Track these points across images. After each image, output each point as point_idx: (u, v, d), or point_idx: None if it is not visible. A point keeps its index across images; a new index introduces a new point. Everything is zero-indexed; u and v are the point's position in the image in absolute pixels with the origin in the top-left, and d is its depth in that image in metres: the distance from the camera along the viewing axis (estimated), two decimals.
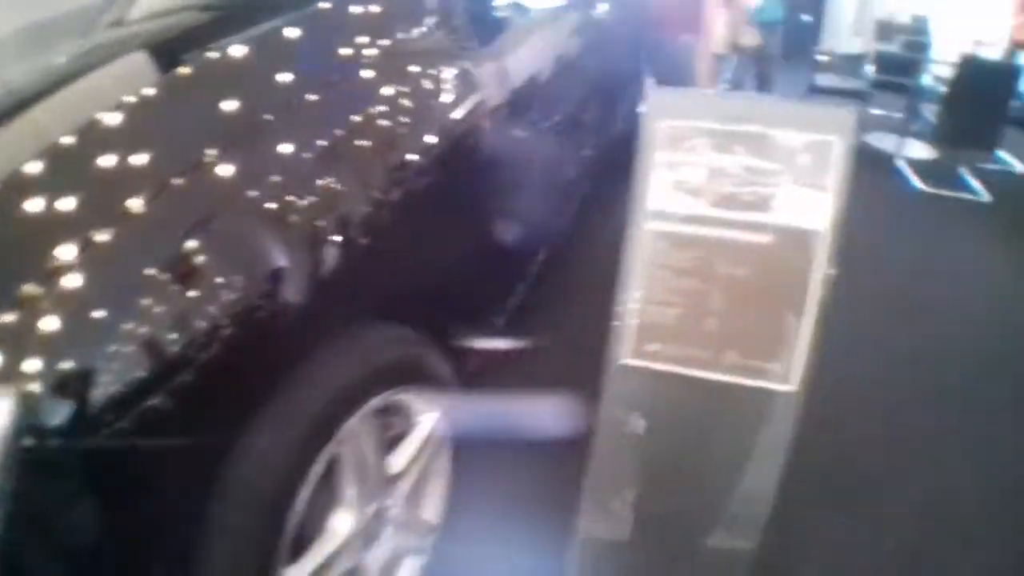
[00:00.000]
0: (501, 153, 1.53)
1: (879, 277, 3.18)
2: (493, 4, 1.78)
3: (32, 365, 0.74)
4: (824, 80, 4.75)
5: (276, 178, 0.96)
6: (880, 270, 3.27)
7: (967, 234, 3.77)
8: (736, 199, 1.02)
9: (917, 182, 4.24)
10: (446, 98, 1.35)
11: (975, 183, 4.24)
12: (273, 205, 0.95)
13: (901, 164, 4.47)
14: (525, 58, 1.80)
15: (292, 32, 1.23)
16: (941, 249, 3.49)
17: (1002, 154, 4.53)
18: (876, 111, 4.91)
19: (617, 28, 3.04)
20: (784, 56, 4.65)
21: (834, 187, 0.98)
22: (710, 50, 3.94)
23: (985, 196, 4.14)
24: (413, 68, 1.33)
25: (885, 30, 5.41)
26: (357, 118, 1.13)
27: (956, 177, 4.27)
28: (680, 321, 1.09)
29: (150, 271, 0.81)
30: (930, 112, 4.31)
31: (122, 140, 0.97)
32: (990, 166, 4.47)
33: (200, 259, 0.86)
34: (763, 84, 5.03)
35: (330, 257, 1.00)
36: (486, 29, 1.64)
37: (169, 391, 0.80)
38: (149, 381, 0.78)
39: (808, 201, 0.99)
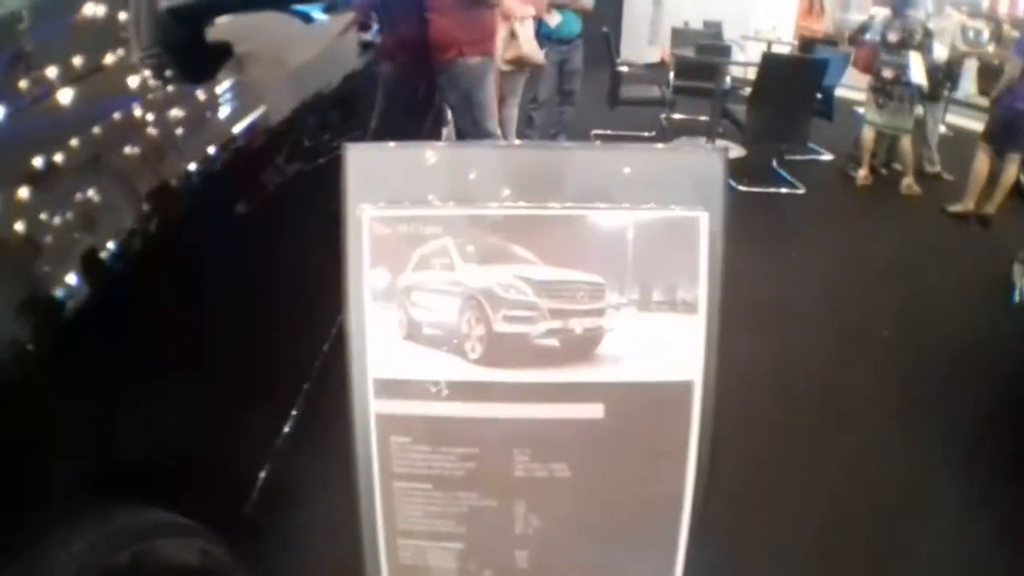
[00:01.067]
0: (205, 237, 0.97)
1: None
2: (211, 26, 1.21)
3: None
4: (628, 91, 4.62)
5: None
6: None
7: (788, 226, 3.72)
8: (528, 347, 0.52)
9: (732, 182, 4.18)
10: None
11: (789, 176, 4.27)
12: None
13: None
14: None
15: None
16: (762, 246, 3.37)
17: (811, 145, 4.64)
18: (680, 116, 4.87)
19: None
20: (586, 69, 4.45)
21: (707, 299, 0.51)
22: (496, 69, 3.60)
23: (800, 187, 4.16)
24: None
25: (681, 37, 5.46)
26: None
27: (770, 172, 4.27)
28: (465, 564, 0.56)
29: None
30: (738, 112, 4.30)
31: None
32: (800, 158, 4.54)
33: None
34: (566, 99, 4.81)
35: None
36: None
37: None
38: None
39: (662, 333, 0.51)
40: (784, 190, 4.14)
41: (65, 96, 0.90)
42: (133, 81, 0.99)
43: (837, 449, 1.99)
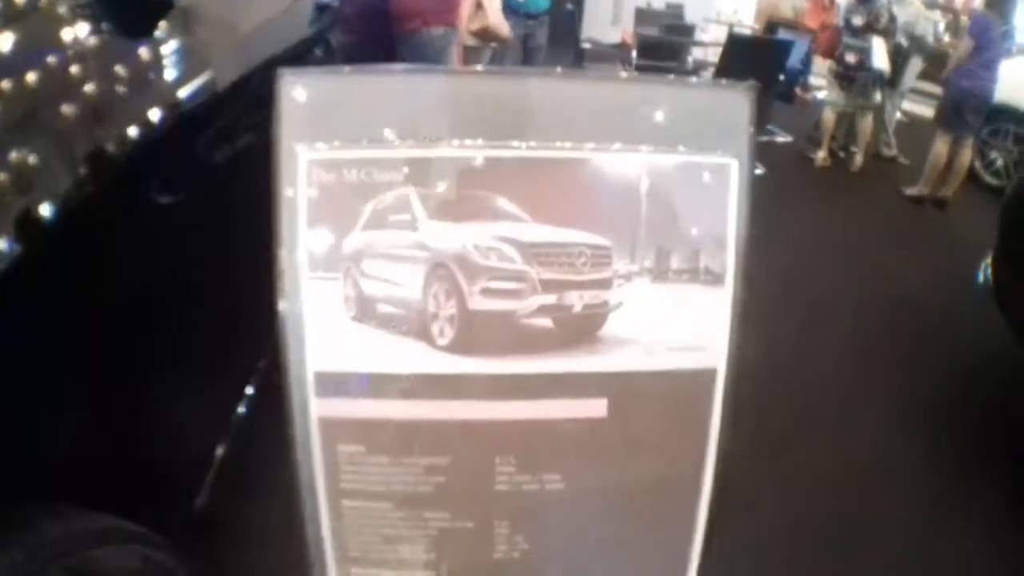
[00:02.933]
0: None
1: None
2: None
3: None
4: (591, 69, 4.55)
5: None
6: None
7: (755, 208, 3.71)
8: (514, 328, 0.40)
9: None
10: None
11: None
12: None
13: None
14: None
15: None
16: None
17: (769, 127, 4.64)
18: None
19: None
20: (549, 45, 4.35)
21: (736, 267, 0.41)
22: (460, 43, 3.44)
23: (759, 168, 4.15)
24: None
25: (644, 17, 5.38)
26: None
27: None
28: None
29: None
30: None
31: None
32: (759, 139, 4.55)
33: None
34: None
35: None
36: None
37: None
38: None
39: (681, 310, 0.41)
40: None
41: None
42: (63, 31, 0.83)
43: (798, 433, 1.95)
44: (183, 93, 1.21)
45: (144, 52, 1.11)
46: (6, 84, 0.75)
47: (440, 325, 0.40)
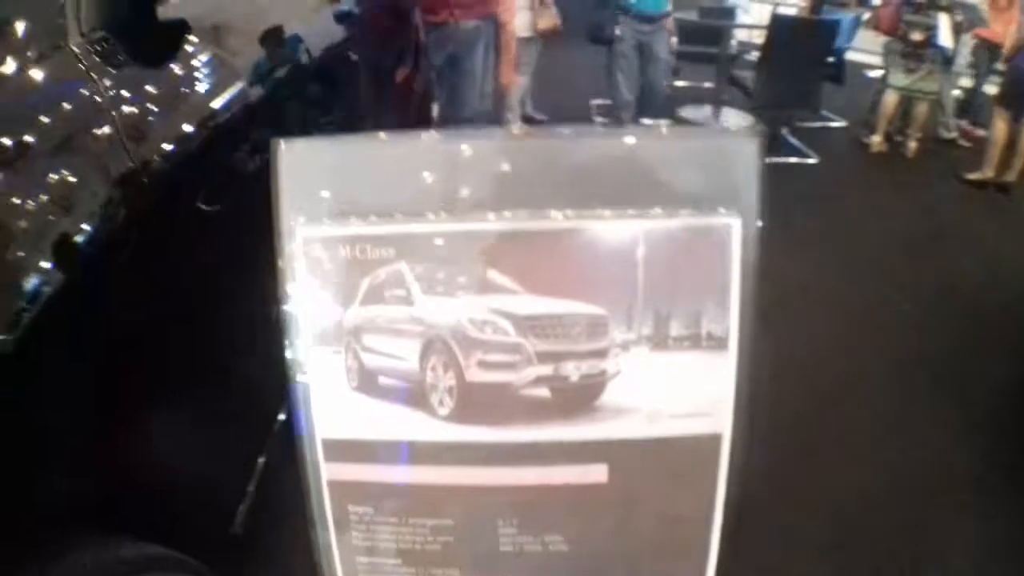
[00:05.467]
0: None
1: None
2: None
3: None
4: None
5: None
6: None
7: (801, 198, 3.55)
8: (511, 399, 0.40)
9: None
10: None
11: (801, 145, 4.10)
12: None
13: None
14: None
15: None
16: (773, 220, 3.22)
17: (823, 112, 4.46)
18: (684, 83, 4.66)
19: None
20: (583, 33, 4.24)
21: (741, 330, 0.40)
22: (513, 35, 3.34)
23: (812, 156, 3.99)
24: None
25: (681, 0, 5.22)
26: None
27: (780, 141, 4.09)
28: None
29: None
30: (745, 78, 4.11)
31: None
32: (812, 125, 4.36)
33: None
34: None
35: None
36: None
37: None
38: None
39: (683, 377, 0.40)
40: (795, 160, 3.98)
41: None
42: (69, 68, 0.87)
43: (857, 426, 1.89)
44: (217, 105, 1.25)
45: (177, 68, 1.15)
46: (43, 117, 0.79)
47: (439, 396, 0.40)
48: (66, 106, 0.83)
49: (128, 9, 1.00)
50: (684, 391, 0.39)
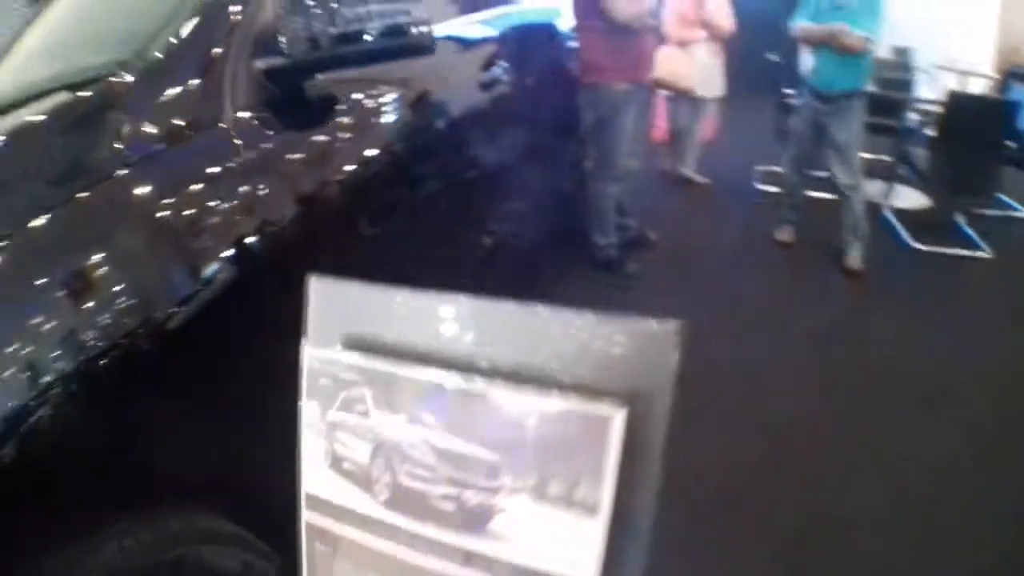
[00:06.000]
0: None
1: (864, 365, 2.64)
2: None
3: None
4: None
5: None
6: (864, 353, 2.72)
7: (970, 303, 3.21)
8: (427, 504, 0.52)
9: (908, 237, 3.69)
10: None
11: (974, 235, 3.70)
12: None
13: (889, 215, 3.93)
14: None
15: None
16: (939, 326, 2.94)
17: (1003, 197, 4.00)
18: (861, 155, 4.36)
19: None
20: (754, 96, 4.16)
21: (614, 503, 0.48)
22: (655, 98, 3.41)
23: (986, 251, 3.58)
24: None
25: None
26: None
27: (953, 229, 3.72)
28: None
29: None
30: (920, 156, 3.79)
31: None
32: (990, 212, 3.93)
33: None
34: (711, 133, 4.50)
35: None
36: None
37: None
38: None
39: (557, 528, 0.49)
40: (966, 252, 3.60)
41: (161, 156, 1.04)
42: (222, 142, 1.12)
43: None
44: (397, 138, 1.49)
45: (368, 101, 1.39)
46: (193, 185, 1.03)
47: (380, 486, 0.53)
48: (213, 171, 1.08)
49: (281, 90, 1.23)
50: (555, 540, 0.48)
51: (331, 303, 0.56)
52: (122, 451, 0.96)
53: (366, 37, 1.30)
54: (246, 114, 1.20)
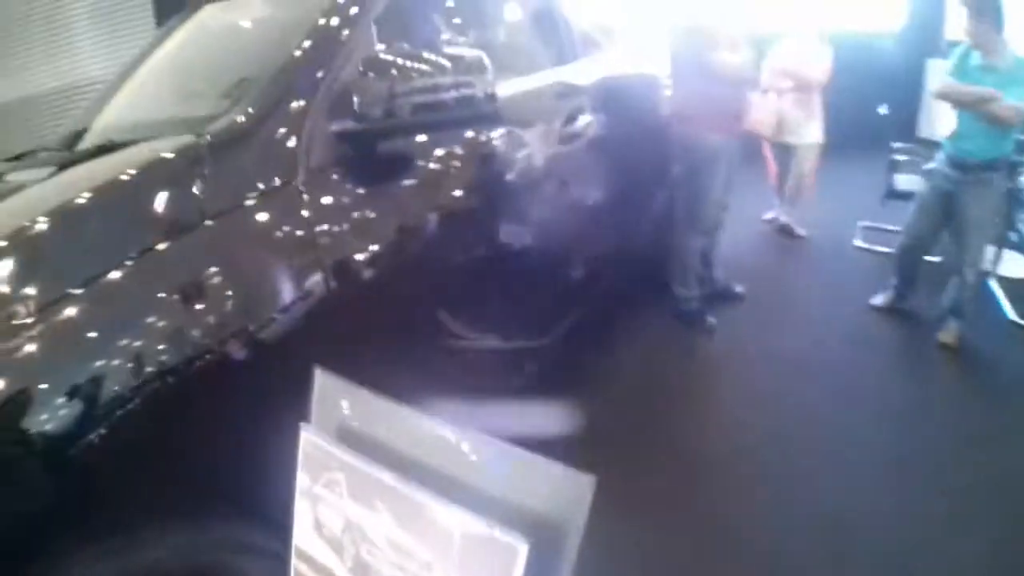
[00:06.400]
0: None
1: (943, 449, 2.48)
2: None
3: None
4: (906, 182, 3.97)
5: None
6: (945, 437, 2.56)
7: None
8: None
9: (1010, 311, 3.42)
10: None
11: None
12: None
13: (993, 284, 3.65)
14: None
15: None
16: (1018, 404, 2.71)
17: None
18: None
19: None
20: (860, 148, 3.97)
21: None
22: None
23: None
24: None
25: None
26: None
27: None
28: None
29: None
30: None
31: None
32: None
33: None
34: (806, 183, 4.33)
35: None
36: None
37: None
38: None
39: None
40: None
41: (235, 211, 1.19)
42: (293, 202, 1.28)
43: None
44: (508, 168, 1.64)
45: (479, 136, 1.54)
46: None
47: (347, 556, 0.64)
48: (281, 233, 1.23)
49: (352, 150, 1.38)
50: None
51: (330, 396, 0.68)
52: (189, 454, 1.10)
53: (437, 107, 1.44)
54: (318, 172, 1.35)
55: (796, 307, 3.61)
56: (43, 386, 0.92)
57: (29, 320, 0.95)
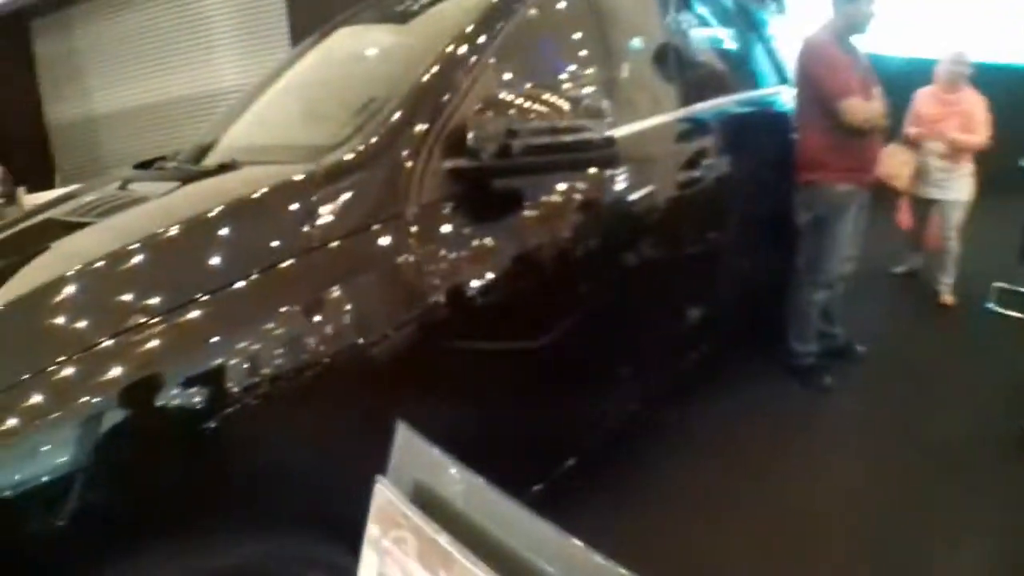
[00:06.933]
0: None
1: None
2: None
3: None
4: None
5: None
6: None
7: None
8: None
9: None
10: None
11: None
12: None
13: None
14: None
15: None
16: None
17: None
18: None
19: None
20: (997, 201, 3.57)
21: None
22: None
23: None
24: None
25: None
26: None
27: None
28: None
29: None
30: None
31: None
32: None
33: None
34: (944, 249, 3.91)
35: None
36: None
37: None
38: None
39: None
40: None
41: (337, 249, 1.23)
42: (400, 235, 1.31)
43: None
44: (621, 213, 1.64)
45: (554, 199, 1.55)
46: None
47: None
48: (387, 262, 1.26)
49: (464, 187, 1.40)
50: None
51: (409, 453, 0.68)
52: (284, 463, 1.15)
53: (552, 148, 1.43)
54: (428, 207, 1.38)
55: (916, 374, 3.27)
56: (168, 374, 1.00)
57: (157, 319, 1.03)
